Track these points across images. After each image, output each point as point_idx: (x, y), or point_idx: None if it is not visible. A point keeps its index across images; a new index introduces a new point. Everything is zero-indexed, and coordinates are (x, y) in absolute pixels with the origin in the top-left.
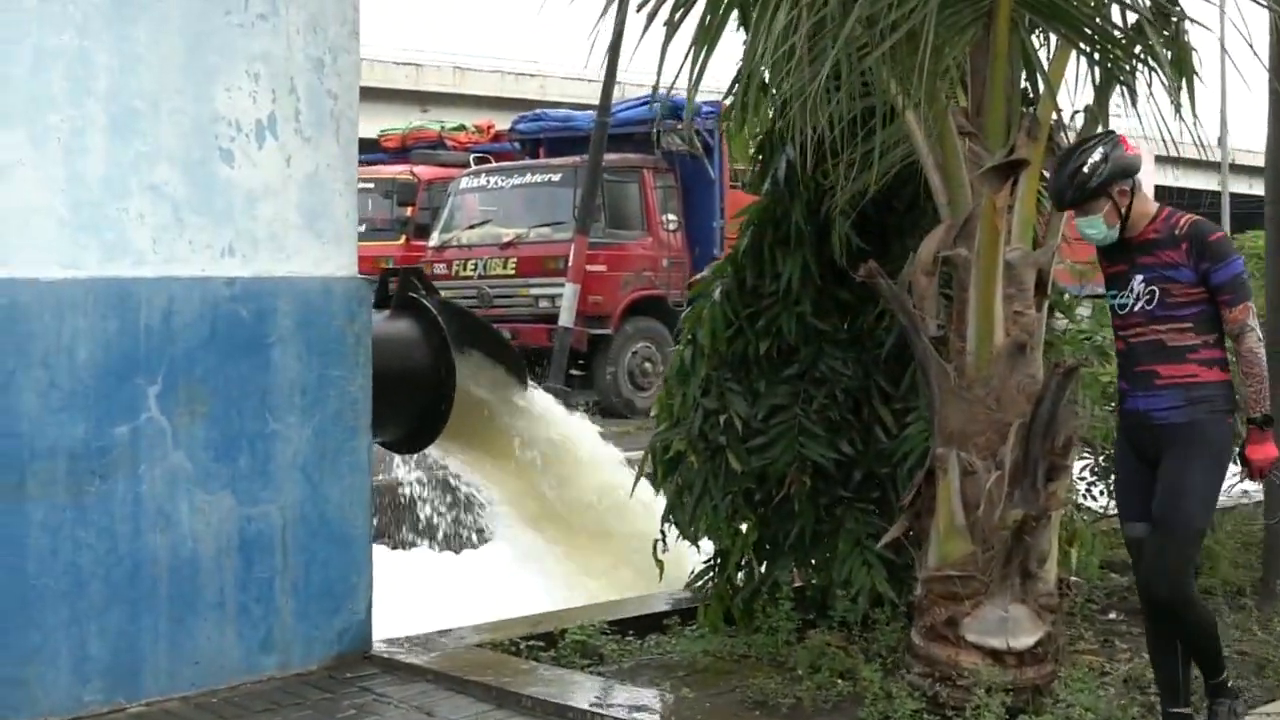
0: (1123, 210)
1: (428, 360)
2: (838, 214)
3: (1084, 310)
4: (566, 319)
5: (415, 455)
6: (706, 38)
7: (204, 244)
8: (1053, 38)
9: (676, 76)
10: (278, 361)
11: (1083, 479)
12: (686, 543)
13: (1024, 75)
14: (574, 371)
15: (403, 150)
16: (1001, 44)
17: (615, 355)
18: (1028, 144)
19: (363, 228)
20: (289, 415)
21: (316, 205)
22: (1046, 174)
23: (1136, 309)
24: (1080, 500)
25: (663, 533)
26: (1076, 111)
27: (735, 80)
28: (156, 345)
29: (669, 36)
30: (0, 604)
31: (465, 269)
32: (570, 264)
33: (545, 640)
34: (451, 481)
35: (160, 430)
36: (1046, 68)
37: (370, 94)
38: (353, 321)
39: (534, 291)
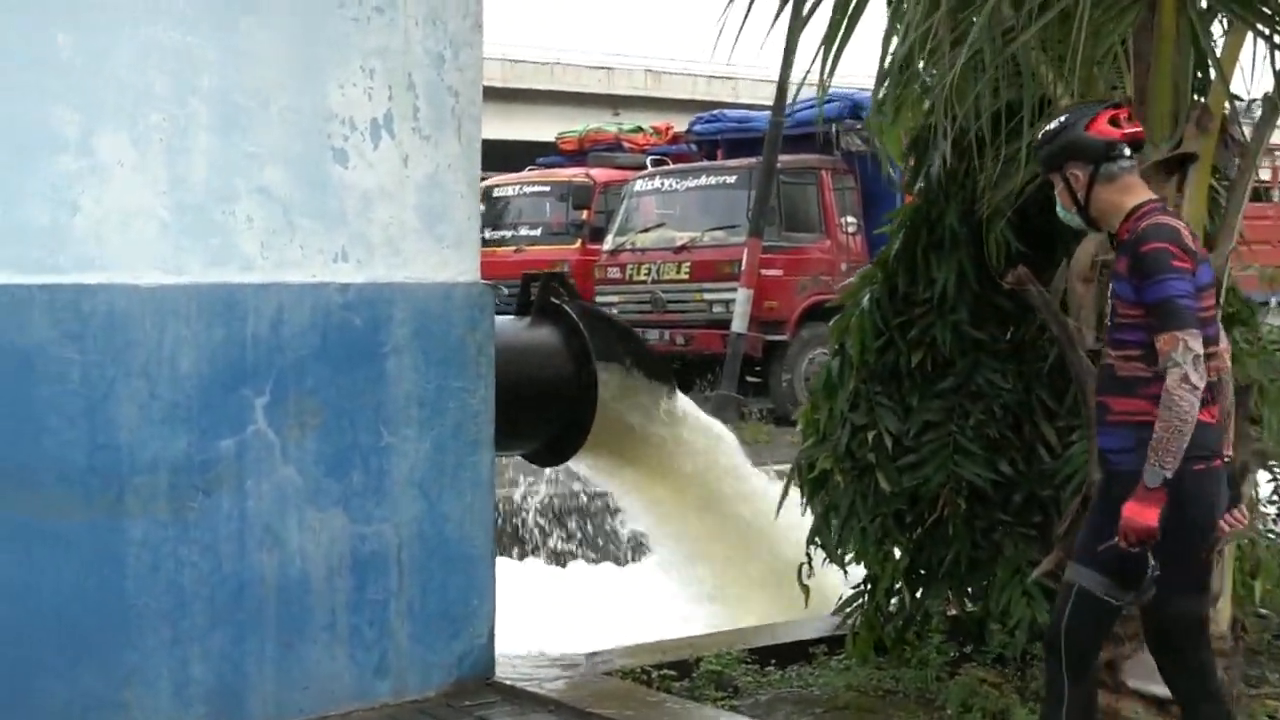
0: (1078, 195)
1: (569, 368)
2: (994, 215)
3: (1277, 320)
4: (739, 325)
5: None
6: (840, 26)
7: (316, 248)
8: (1226, 18)
9: (831, 71)
10: (393, 372)
11: (1274, 502)
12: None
13: (1193, 60)
14: (750, 379)
15: (580, 153)
16: (1168, 25)
17: (791, 362)
18: (1197, 136)
19: (538, 231)
20: (405, 428)
21: (436, 208)
22: (1219, 169)
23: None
24: (1272, 527)
25: (808, 555)
26: (1253, 100)
27: (881, 70)
28: (264, 355)
29: (837, 31)
30: (97, 623)
31: (639, 273)
32: (743, 268)
33: (678, 669)
34: (594, 492)
35: (268, 444)
36: (1219, 51)
37: (562, 98)
38: (474, 330)
39: (708, 296)
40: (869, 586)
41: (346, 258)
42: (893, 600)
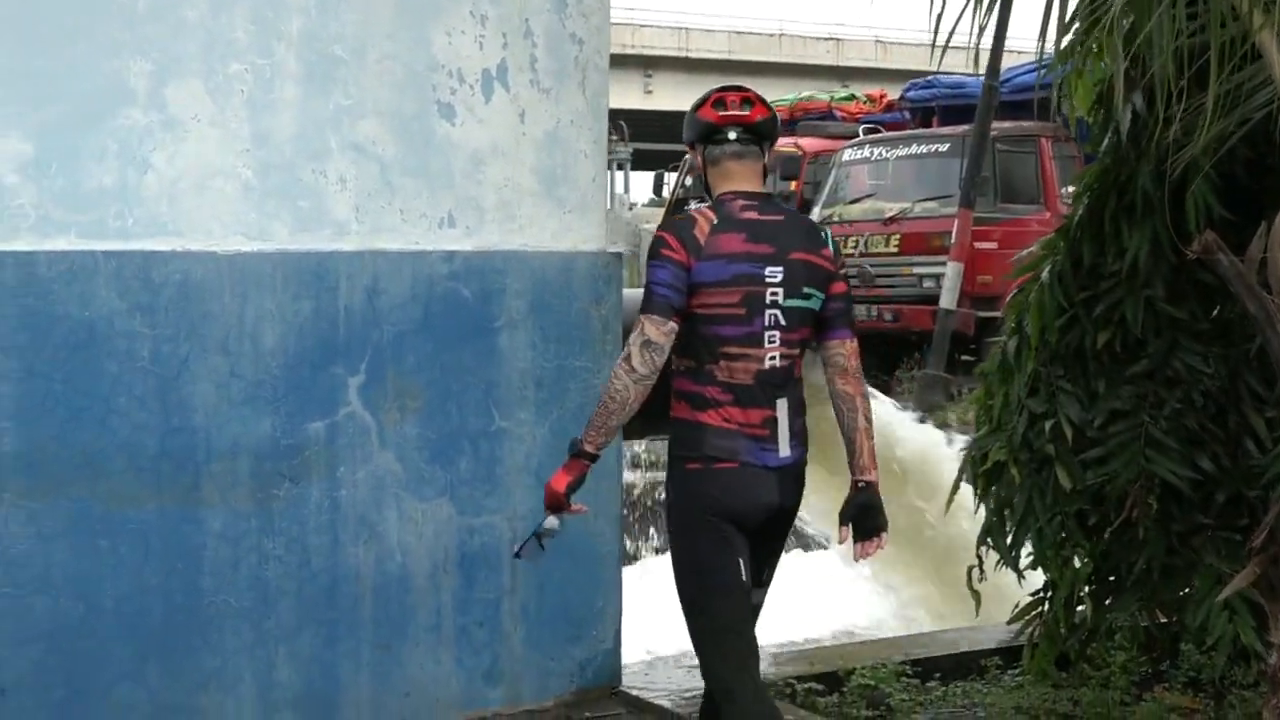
0: (701, 174)
1: None
2: (1191, 174)
3: None
4: (948, 300)
5: None
6: None
7: (418, 212)
8: None
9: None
10: (506, 349)
11: None
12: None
13: None
14: (966, 357)
15: (790, 122)
16: None
17: None
18: None
19: None
20: (520, 411)
21: (556, 168)
22: None
23: None
24: None
25: (979, 557)
26: None
27: (1063, 10)
28: (359, 329)
29: None
30: (173, 623)
31: (846, 246)
32: (954, 241)
33: (827, 682)
34: None
35: (363, 427)
36: None
37: (789, 70)
38: (599, 303)
39: (917, 270)
40: (1048, 594)
41: (453, 223)
42: (1079, 609)
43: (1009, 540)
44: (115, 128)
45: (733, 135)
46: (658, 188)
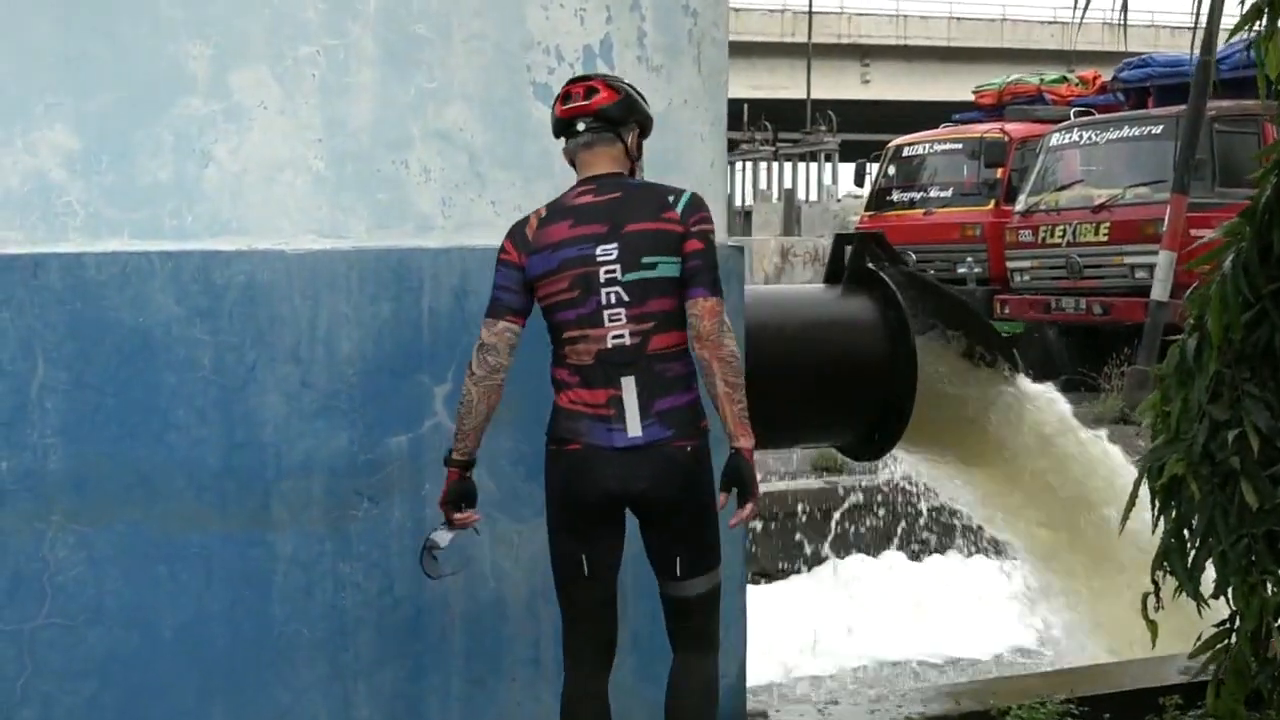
0: None
1: (882, 346)
2: None
3: None
4: (1160, 292)
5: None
6: None
7: (512, 205)
8: None
9: None
10: None
11: None
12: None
13: None
14: None
15: (998, 107)
16: None
17: None
18: None
19: (948, 192)
20: None
21: (669, 153)
22: None
23: None
24: None
25: (1155, 583)
26: None
27: None
28: (445, 334)
29: None
30: (240, 654)
31: (1053, 235)
32: (1165, 228)
33: None
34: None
35: (450, 441)
36: None
37: (1011, 55)
38: None
39: (1129, 260)
40: (1234, 625)
41: None
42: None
43: (1189, 564)
44: (172, 118)
45: (581, 126)
46: (859, 178)
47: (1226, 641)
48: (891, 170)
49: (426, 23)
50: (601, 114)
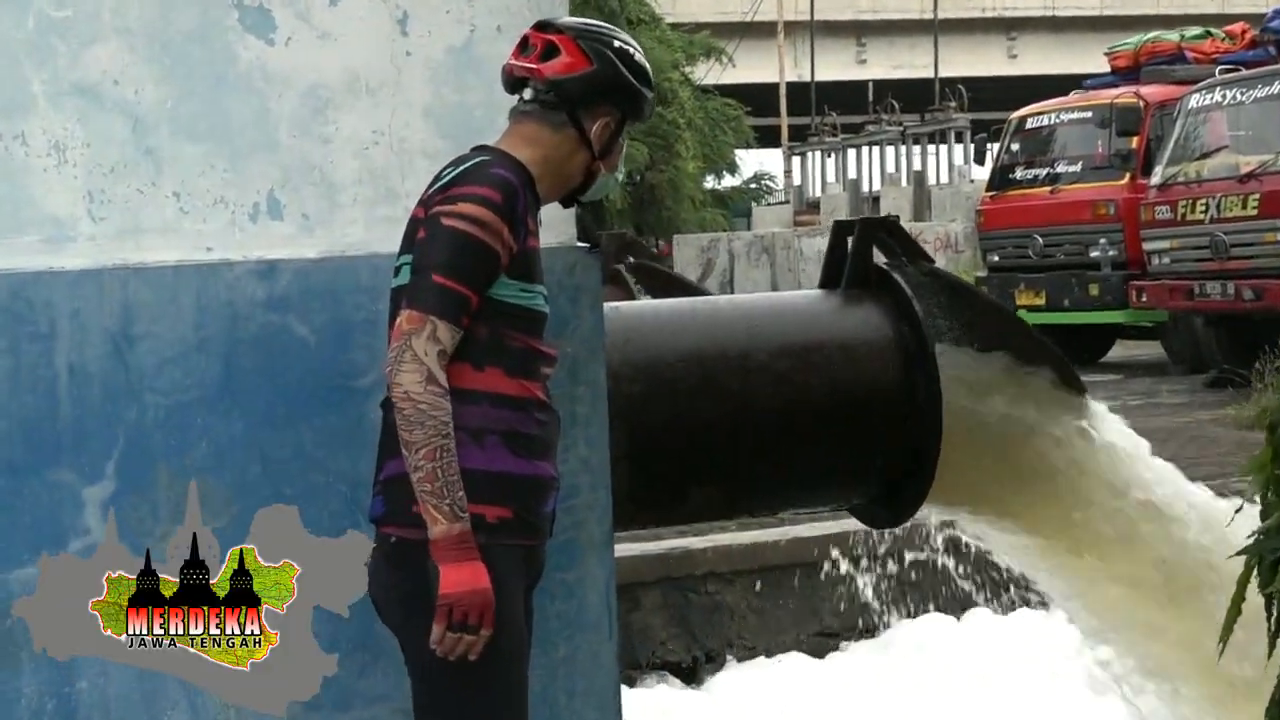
0: None
1: (893, 372)
2: None
3: None
4: None
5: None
6: None
7: (213, 197)
8: None
9: None
10: None
11: None
12: None
13: None
14: None
15: (1134, 69)
16: None
17: None
18: None
19: (1077, 167)
20: None
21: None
22: None
23: None
24: None
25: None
26: None
27: None
28: (97, 407)
29: None
30: None
31: (1194, 211)
32: None
33: None
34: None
35: None
36: None
37: (1170, 22)
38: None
39: None
40: None
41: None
42: None
43: None
44: None
45: (527, 95)
46: (979, 156)
47: None
48: (1015, 145)
49: None
50: (554, 85)
